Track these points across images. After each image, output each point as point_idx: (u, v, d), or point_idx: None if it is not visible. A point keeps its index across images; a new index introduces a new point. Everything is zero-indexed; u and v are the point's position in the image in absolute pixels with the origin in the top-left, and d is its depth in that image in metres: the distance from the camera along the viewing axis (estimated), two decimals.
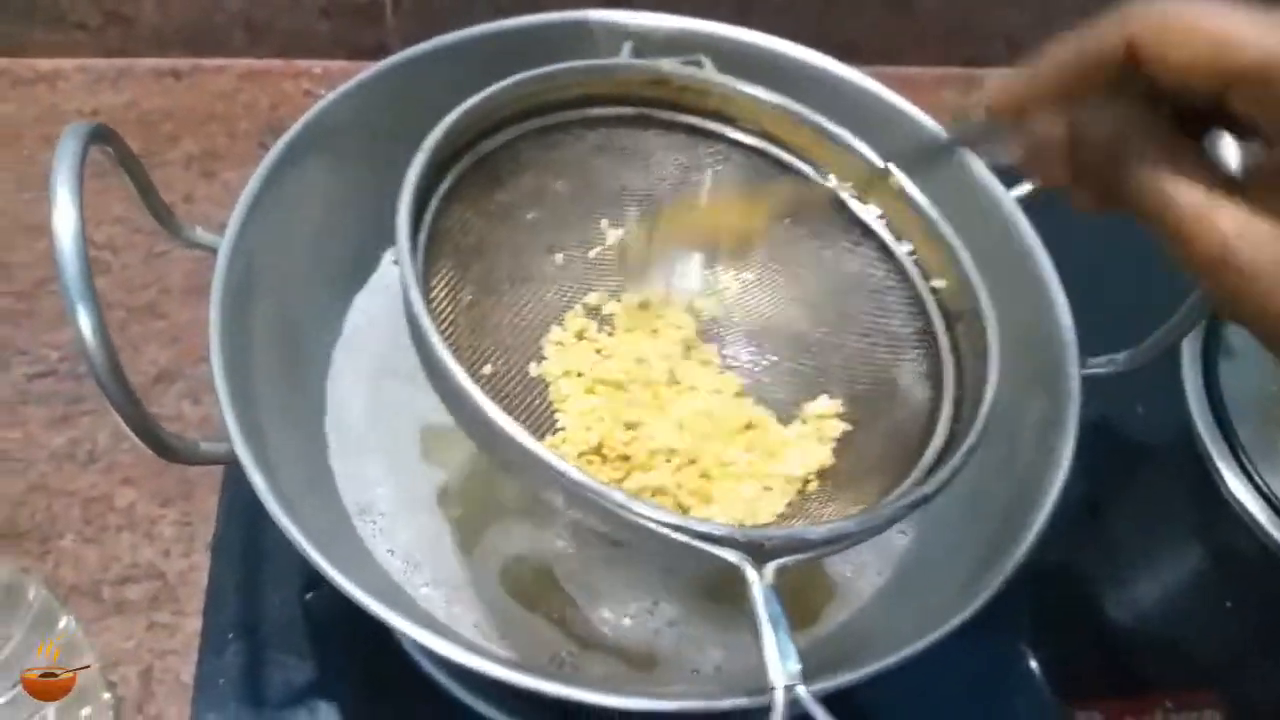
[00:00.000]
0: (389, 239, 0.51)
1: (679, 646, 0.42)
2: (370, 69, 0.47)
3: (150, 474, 0.52)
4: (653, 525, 0.30)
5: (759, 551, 0.30)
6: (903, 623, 0.36)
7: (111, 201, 0.61)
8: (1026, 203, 0.44)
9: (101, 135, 0.34)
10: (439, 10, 0.66)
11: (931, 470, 0.36)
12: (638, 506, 0.30)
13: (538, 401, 0.42)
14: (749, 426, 0.42)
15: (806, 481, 0.41)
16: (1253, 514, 0.52)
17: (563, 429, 0.41)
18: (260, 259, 0.41)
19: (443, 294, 0.39)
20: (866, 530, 0.32)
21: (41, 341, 0.56)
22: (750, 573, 0.30)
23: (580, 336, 0.44)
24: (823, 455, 0.41)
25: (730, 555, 0.30)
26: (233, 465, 0.36)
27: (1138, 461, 0.57)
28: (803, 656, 0.29)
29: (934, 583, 0.40)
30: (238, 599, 0.47)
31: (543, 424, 0.41)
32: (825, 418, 0.42)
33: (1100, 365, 0.43)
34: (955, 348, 0.39)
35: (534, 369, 0.43)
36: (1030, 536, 0.37)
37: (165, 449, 0.35)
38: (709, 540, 0.30)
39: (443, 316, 0.39)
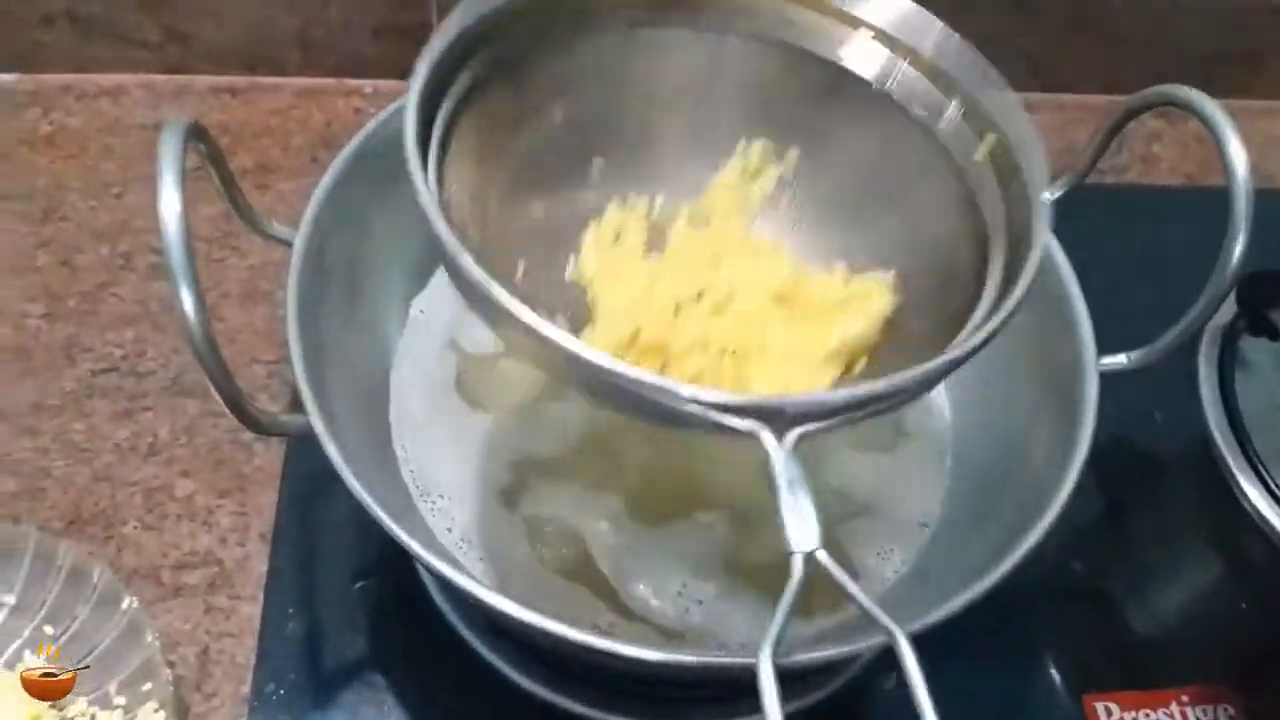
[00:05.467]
0: None
1: (706, 623, 0.44)
2: None
3: (207, 467, 0.55)
4: (667, 400, 0.29)
5: (778, 418, 0.30)
6: (928, 601, 0.37)
7: None
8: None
9: (196, 132, 0.37)
10: None
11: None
12: (651, 380, 0.30)
13: (576, 299, 0.42)
14: (794, 293, 0.42)
15: (852, 363, 0.40)
16: (1269, 520, 0.54)
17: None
18: (331, 253, 0.44)
19: (466, 198, 0.39)
20: (897, 393, 0.31)
21: (106, 340, 0.59)
22: (769, 439, 0.29)
23: (619, 234, 0.43)
24: (869, 331, 0.40)
25: (745, 424, 0.29)
26: (307, 440, 0.38)
27: (1155, 471, 0.59)
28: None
29: (952, 571, 0.42)
30: (297, 579, 0.49)
31: (581, 319, 0.41)
32: (874, 293, 0.41)
33: (1115, 363, 0.44)
34: (1007, 211, 0.38)
35: (570, 267, 0.42)
36: (1051, 513, 0.38)
37: (250, 419, 0.37)
38: (725, 410, 0.29)
39: (470, 219, 0.38)
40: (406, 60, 0.70)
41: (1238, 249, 0.40)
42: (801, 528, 0.29)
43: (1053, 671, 0.51)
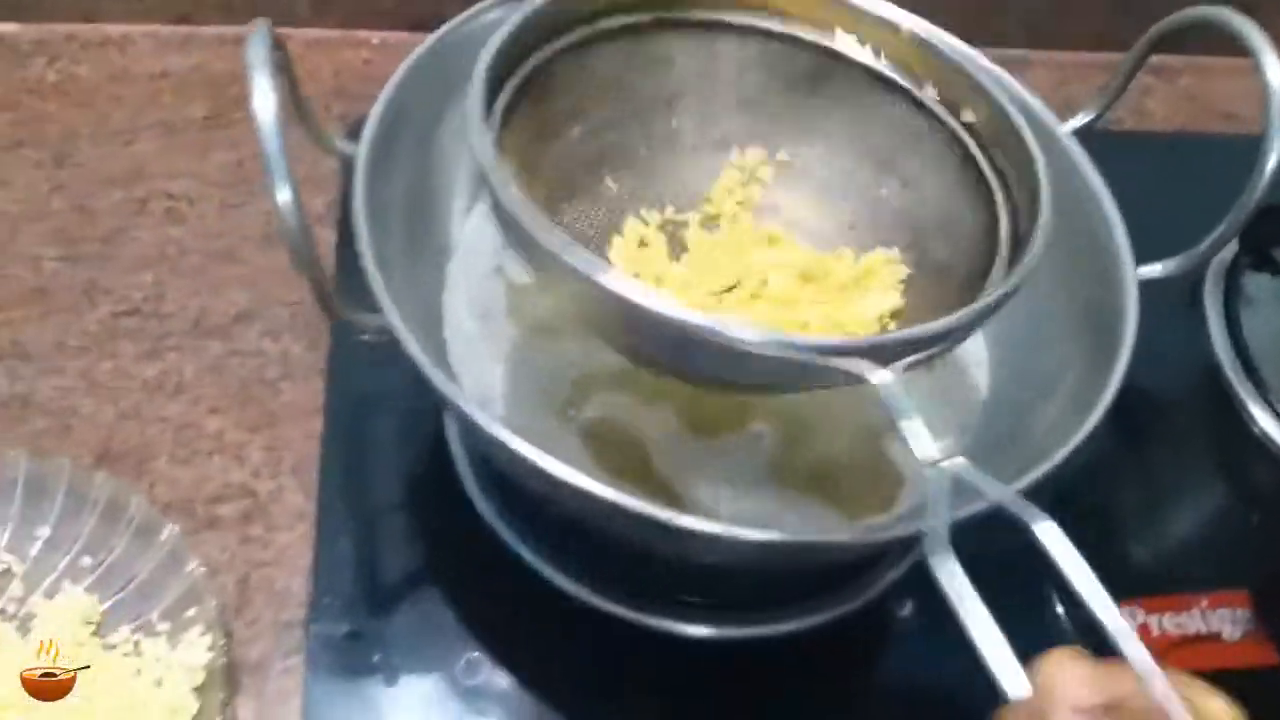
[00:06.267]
0: None
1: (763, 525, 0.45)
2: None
3: (235, 404, 0.55)
4: (781, 352, 0.32)
5: (882, 354, 0.33)
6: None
7: (183, 157, 0.64)
8: (1081, 134, 0.48)
9: (276, 40, 0.38)
10: None
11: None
12: (765, 336, 0.32)
13: None
14: (817, 272, 0.45)
15: (883, 327, 0.44)
16: (1276, 442, 0.56)
17: None
18: (389, 173, 0.45)
19: None
20: (972, 322, 0.35)
21: (125, 282, 0.58)
22: (880, 375, 0.33)
23: (642, 244, 0.46)
24: (893, 299, 0.44)
25: (856, 365, 0.32)
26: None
27: (1166, 401, 0.61)
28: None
29: (994, 473, 0.43)
30: (346, 498, 0.50)
31: None
32: (886, 265, 0.45)
33: (1152, 271, 0.46)
34: (998, 171, 0.42)
35: None
36: (1105, 400, 0.41)
37: (334, 311, 0.38)
38: (836, 354, 0.33)
39: None
40: (415, 11, 0.71)
41: (1274, 156, 0.42)
42: (925, 444, 0.32)
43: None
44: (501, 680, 0.47)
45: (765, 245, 0.47)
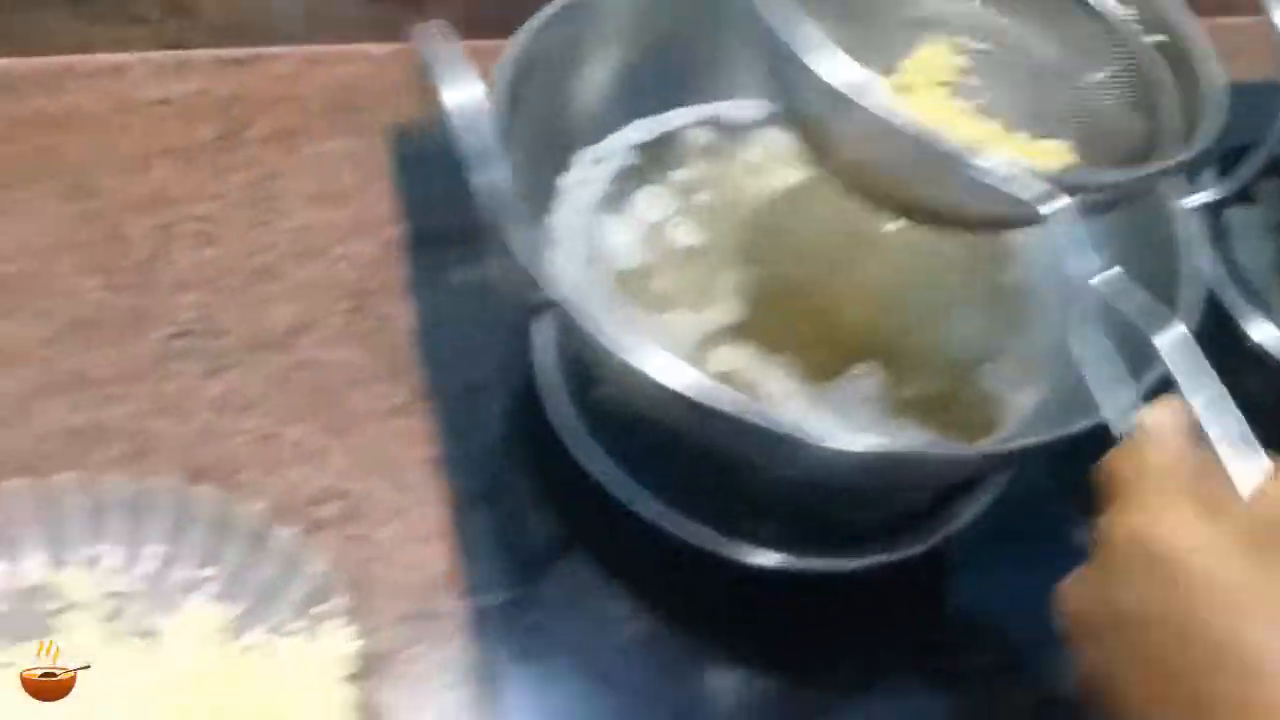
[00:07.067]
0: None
1: None
2: None
3: (310, 412, 0.55)
4: (998, 169, 0.37)
5: (1065, 185, 0.38)
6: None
7: (205, 180, 0.64)
8: None
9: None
10: None
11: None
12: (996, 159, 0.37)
13: None
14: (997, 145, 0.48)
15: None
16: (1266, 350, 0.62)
17: None
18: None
19: None
20: (1135, 180, 0.41)
21: (170, 305, 0.58)
22: (1060, 200, 0.38)
23: None
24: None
25: (1043, 187, 0.37)
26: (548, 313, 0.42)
27: None
28: None
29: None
30: (474, 484, 0.53)
31: None
32: (1056, 152, 0.48)
33: (1205, 195, 0.52)
34: (1180, 95, 0.46)
35: None
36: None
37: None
38: (1032, 176, 0.37)
39: None
40: (406, 22, 0.72)
41: None
42: (1090, 260, 0.37)
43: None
44: (650, 630, 0.50)
45: (955, 118, 0.50)
